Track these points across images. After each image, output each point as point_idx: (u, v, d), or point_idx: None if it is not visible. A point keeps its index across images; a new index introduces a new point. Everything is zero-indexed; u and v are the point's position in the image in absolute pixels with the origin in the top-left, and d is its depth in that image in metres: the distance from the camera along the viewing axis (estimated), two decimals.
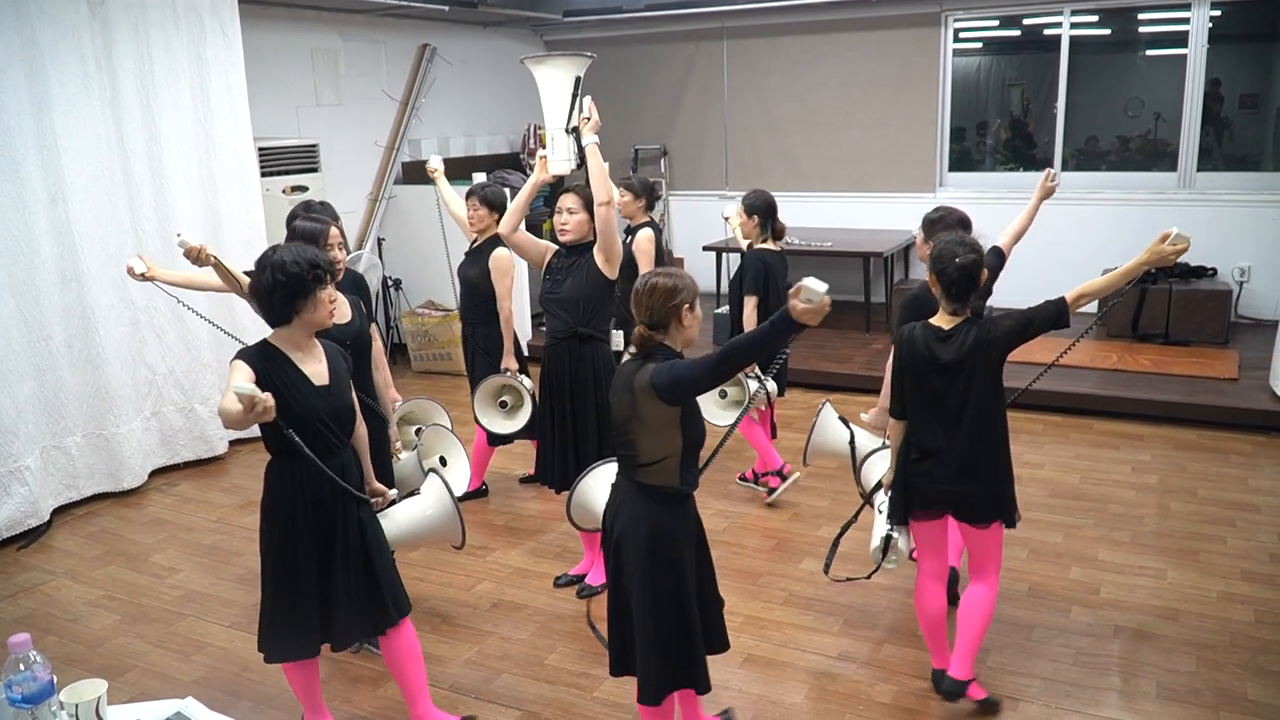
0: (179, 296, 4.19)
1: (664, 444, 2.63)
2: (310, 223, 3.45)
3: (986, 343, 3.02)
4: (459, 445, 4.16)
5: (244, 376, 2.60)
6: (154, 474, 5.69)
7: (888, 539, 3.27)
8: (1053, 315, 3.01)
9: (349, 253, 4.16)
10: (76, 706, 2.03)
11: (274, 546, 2.86)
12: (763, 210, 4.80)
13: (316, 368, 2.84)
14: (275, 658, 2.97)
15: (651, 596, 2.66)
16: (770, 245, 4.85)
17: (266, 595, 2.91)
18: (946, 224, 3.61)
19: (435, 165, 4.99)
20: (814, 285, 2.34)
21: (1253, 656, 3.54)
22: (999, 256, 3.81)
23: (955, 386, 3.05)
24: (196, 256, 3.21)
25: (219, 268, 3.23)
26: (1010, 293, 5.28)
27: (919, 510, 3.22)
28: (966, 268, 3.00)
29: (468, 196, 4.78)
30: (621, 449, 2.72)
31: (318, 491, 2.82)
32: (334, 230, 3.45)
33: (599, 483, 3.34)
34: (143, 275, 3.75)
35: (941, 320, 3.10)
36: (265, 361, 2.72)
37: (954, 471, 3.09)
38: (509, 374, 4.68)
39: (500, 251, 4.67)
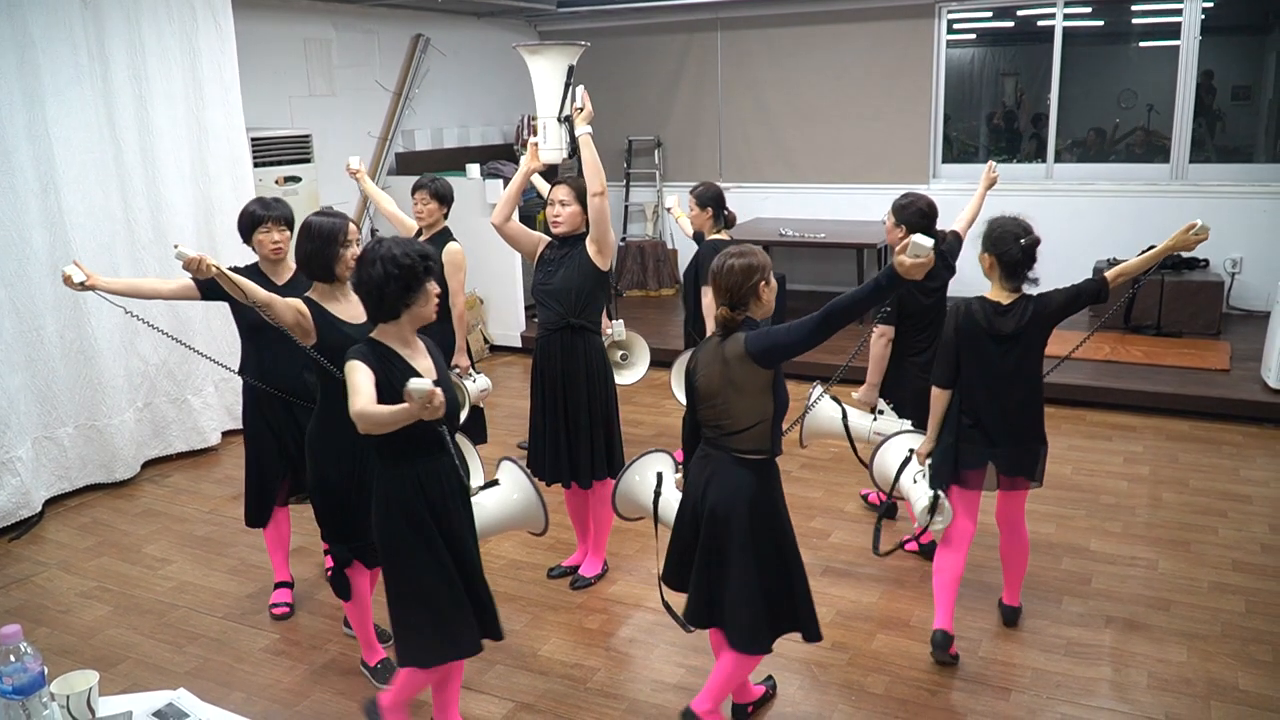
0: (125, 305, 3.80)
1: (758, 409, 2.79)
2: (327, 218, 3.29)
3: (1044, 315, 3.33)
4: (470, 445, 4.07)
5: (366, 377, 2.53)
6: (146, 465, 5.67)
7: (935, 499, 3.40)
8: (1094, 290, 3.34)
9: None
10: (68, 698, 2.03)
11: (411, 553, 2.72)
12: (714, 201, 4.97)
13: (424, 363, 2.75)
14: (450, 657, 2.84)
15: (756, 560, 2.83)
16: (722, 235, 5.00)
17: (408, 604, 2.76)
18: (917, 209, 3.96)
19: (355, 166, 4.85)
20: (921, 241, 2.51)
21: (1244, 647, 3.56)
22: (958, 239, 4.27)
23: (1011, 356, 3.34)
24: (197, 267, 3.03)
25: (222, 278, 3.08)
26: None
27: (967, 471, 3.45)
28: (1029, 248, 3.29)
29: (416, 189, 4.69)
30: (711, 421, 2.86)
31: (439, 489, 2.73)
32: (352, 226, 3.30)
33: (643, 474, 3.41)
34: (82, 284, 3.38)
35: (999, 296, 3.36)
36: (379, 360, 2.62)
37: (1005, 434, 3.40)
38: (457, 372, 4.66)
39: (453, 246, 4.60)
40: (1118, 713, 3.21)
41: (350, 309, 3.22)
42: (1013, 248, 3.27)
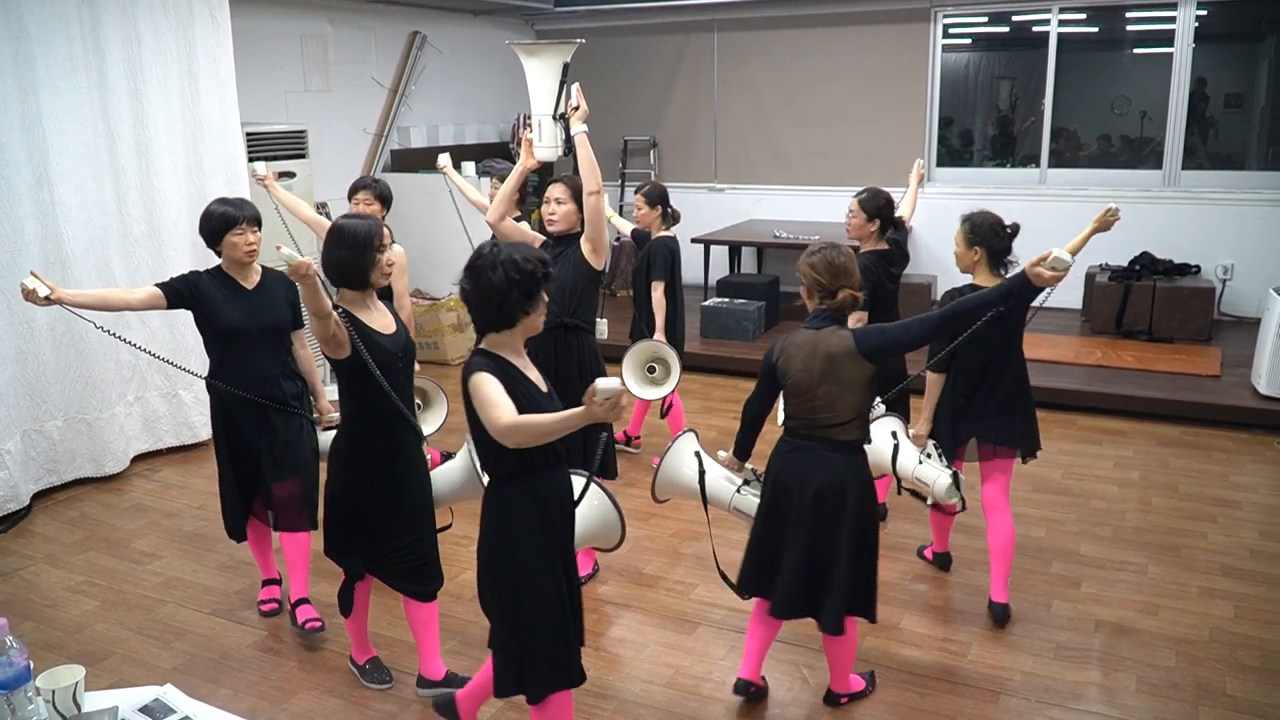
0: (92, 319, 3.71)
1: (861, 401, 2.95)
2: (360, 221, 3.10)
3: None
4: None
5: (500, 389, 2.41)
6: (136, 459, 5.65)
7: (955, 476, 3.54)
8: None
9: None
10: (53, 693, 2.02)
11: (534, 579, 2.56)
12: (661, 199, 5.16)
13: (535, 373, 2.65)
14: (562, 685, 2.64)
15: (859, 541, 2.97)
16: (669, 232, 5.16)
17: (527, 632, 2.58)
18: (885, 199, 4.30)
19: (263, 173, 4.76)
20: (1062, 255, 2.65)
21: (1232, 652, 3.57)
22: (903, 227, 4.55)
23: (1003, 336, 3.56)
24: (305, 273, 2.84)
25: (315, 286, 2.89)
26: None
27: (962, 447, 3.74)
28: (1013, 235, 3.62)
29: (359, 189, 4.59)
30: (806, 415, 2.96)
31: (560, 505, 2.61)
32: (386, 230, 3.14)
33: (683, 459, 3.44)
34: (47, 299, 3.30)
35: (987, 281, 3.58)
36: (501, 373, 2.49)
37: (999, 407, 3.68)
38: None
39: (398, 248, 4.51)
40: (1106, 717, 3.22)
41: (379, 318, 3.12)
42: (999, 238, 3.58)
